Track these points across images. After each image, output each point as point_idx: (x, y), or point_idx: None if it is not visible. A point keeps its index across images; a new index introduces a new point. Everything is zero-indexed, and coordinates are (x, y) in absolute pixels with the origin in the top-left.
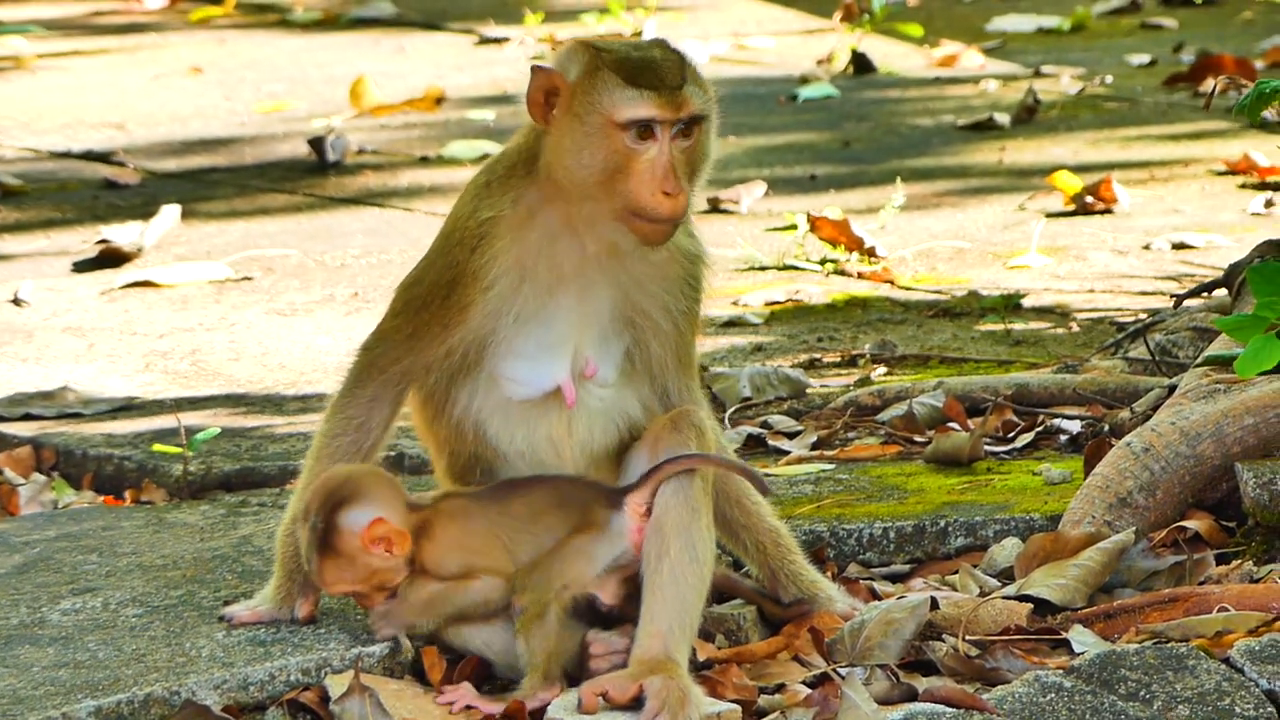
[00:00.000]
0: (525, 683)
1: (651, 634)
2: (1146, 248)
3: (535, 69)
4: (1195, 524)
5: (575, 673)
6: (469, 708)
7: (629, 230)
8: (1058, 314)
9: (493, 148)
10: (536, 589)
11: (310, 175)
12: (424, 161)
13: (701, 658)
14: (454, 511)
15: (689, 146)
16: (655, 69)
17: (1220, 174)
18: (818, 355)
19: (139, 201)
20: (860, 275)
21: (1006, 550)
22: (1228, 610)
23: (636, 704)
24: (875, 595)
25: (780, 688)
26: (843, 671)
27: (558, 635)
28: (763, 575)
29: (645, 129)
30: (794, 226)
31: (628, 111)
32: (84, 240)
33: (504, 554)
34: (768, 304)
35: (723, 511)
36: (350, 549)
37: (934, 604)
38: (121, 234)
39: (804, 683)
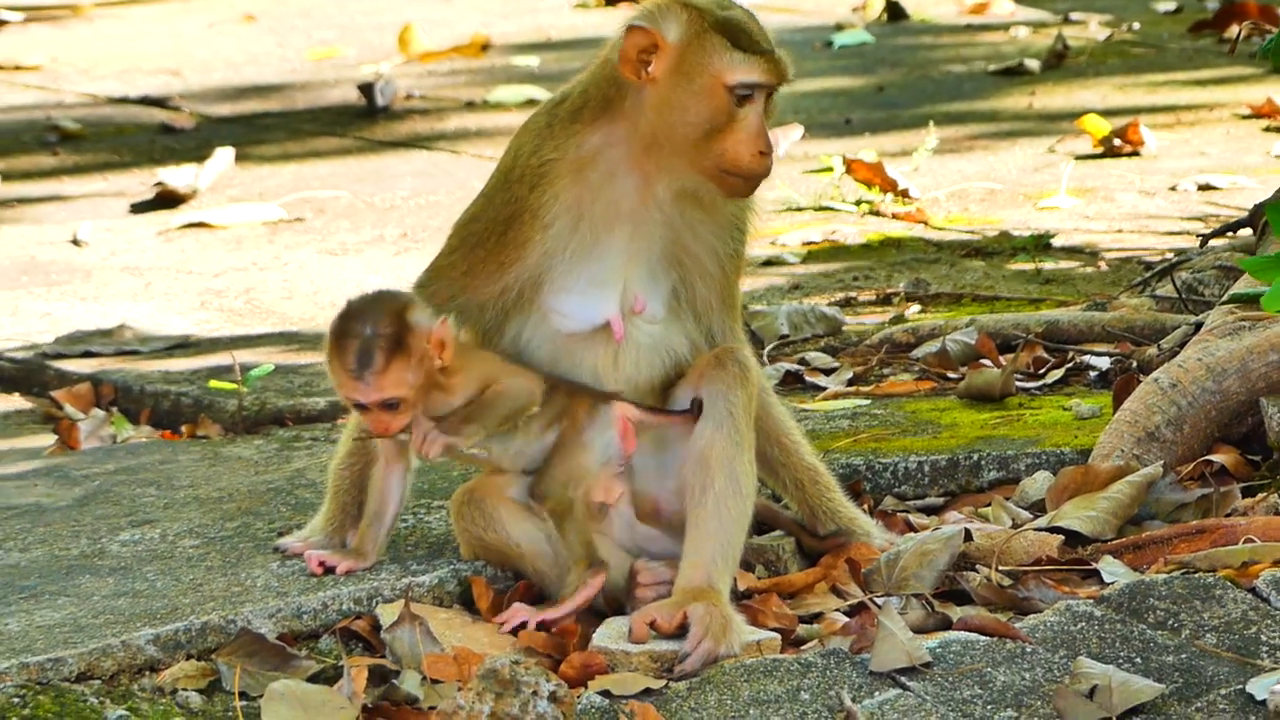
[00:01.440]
0: (572, 575)
1: (695, 564)
2: (1173, 189)
3: (633, 27)
4: (1221, 458)
5: (623, 600)
6: (523, 625)
7: (715, 184)
8: (1087, 253)
9: (537, 92)
10: (553, 492)
11: (360, 119)
12: (470, 106)
13: (742, 588)
14: (463, 348)
15: (769, 107)
16: (755, 34)
17: (1245, 118)
18: (853, 294)
19: (194, 145)
20: (894, 216)
21: (1038, 483)
22: (1254, 541)
23: (682, 631)
24: (911, 527)
25: (818, 617)
26: (879, 601)
27: (584, 524)
28: (801, 511)
29: (747, 92)
30: (830, 169)
31: (737, 74)
32: (141, 182)
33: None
34: (805, 244)
35: (761, 449)
36: (420, 350)
37: (968, 535)
38: (177, 176)
39: (841, 612)
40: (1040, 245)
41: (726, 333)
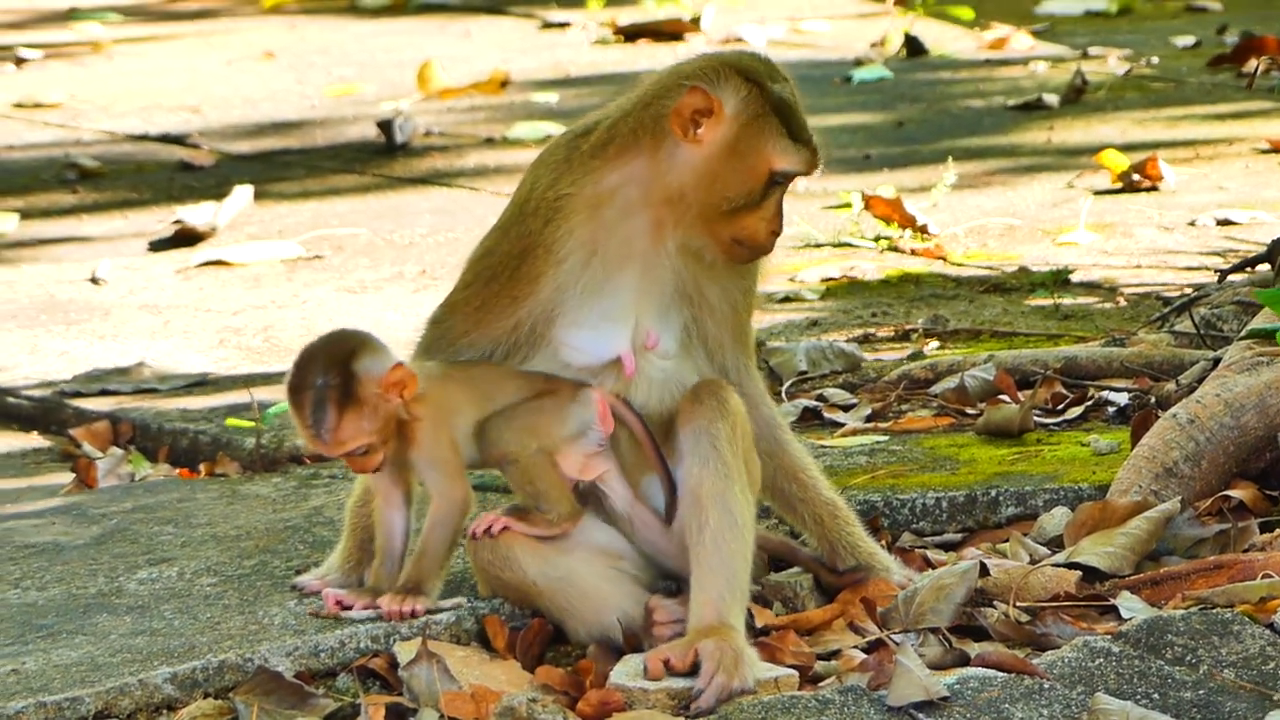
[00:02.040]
0: (552, 514)
1: (703, 602)
2: (1192, 224)
3: (695, 87)
4: (1239, 493)
5: (640, 638)
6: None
7: (721, 250)
8: (1105, 289)
9: (556, 129)
10: (507, 441)
11: (379, 156)
12: (489, 143)
13: (759, 624)
14: (433, 375)
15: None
16: (803, 121)
17: (1264, 152)
18: (872, 330)
19: (213, 182)
20: (913, 252)
21: (1056, 519)
22: (1271, 577)
23: (696, 669)
24: (929, 564)
25: (836, 653)
26: (896, 637)
27: (552, 470)
28: (821, 547)
29: (785, 179)
30: (849, 205)
31: (785, 163)
32: (160, 220)
33: (474, 419)
34: (823, 280)
35: (779, 486)
36: (371, 397)
37: (984, 570)
38: (196, 214)
39: (859, 648)
40: (1059, 281)
41: (740, 369)
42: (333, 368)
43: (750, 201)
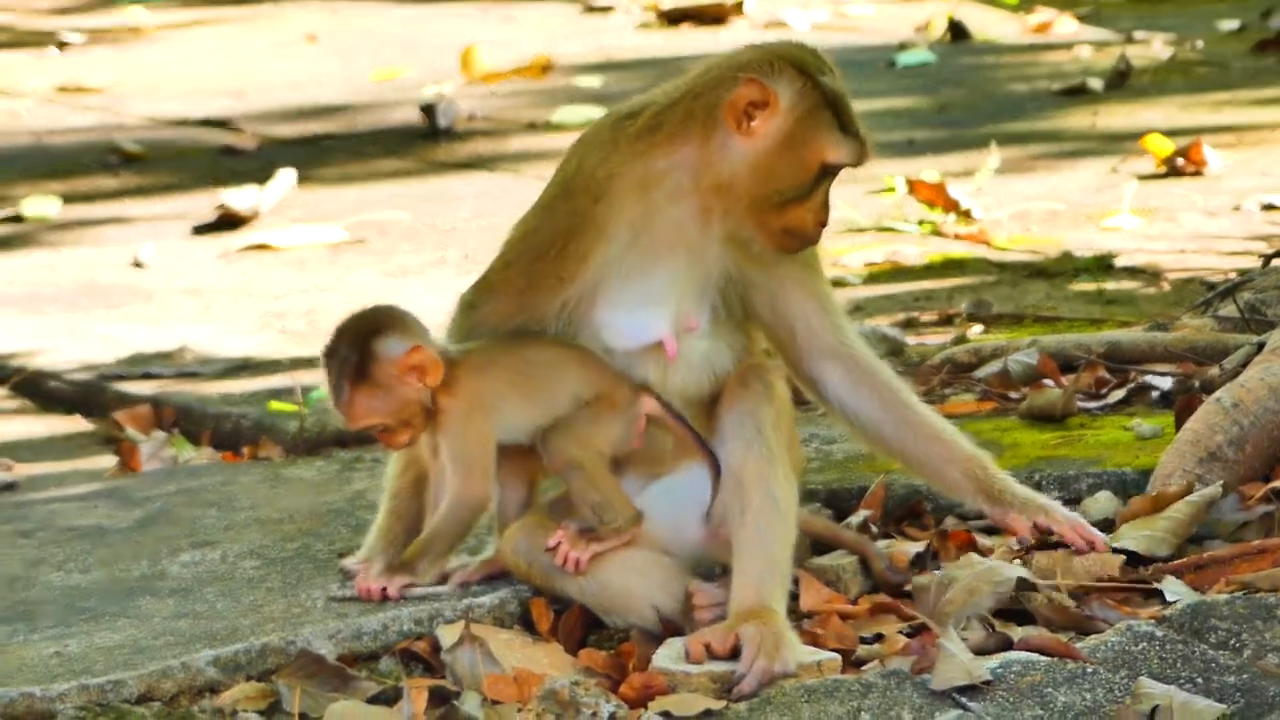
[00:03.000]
0: (618, 521)
1: (744, 585)
2: (1236, 209)
3: (749, 79)
4: None
5: (681, 623)
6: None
7: (769, 240)
8: (1149, 273)
9: (599, 113)
10: (566, 449)
11: (422, 141)
12: (532, 127)
13: (806, 607)
14: (477, 365)
15: None
16: (853, 113)
17: None
18: (915, 314)
19: (256, 166)
20: (957, 236)
21: (1099, 503)
22: None
23: (737, 653)
24: (976, 547)
25: (879, 637)
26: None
27: (612, 477)
28: (979, 502)
29: (835, 170)
30: (892, 189)
31: (837, 155)
32: (202, 204)
33: (523, 412)
34: (867, 265)
35: (920, 451)
36: (386, 377)
37: (1021, 583)
38: (239, 198)
39: (902, 632)
40: (1102, 266)
41: (838, 335)
42: (355, 342)
43: (800, 193)
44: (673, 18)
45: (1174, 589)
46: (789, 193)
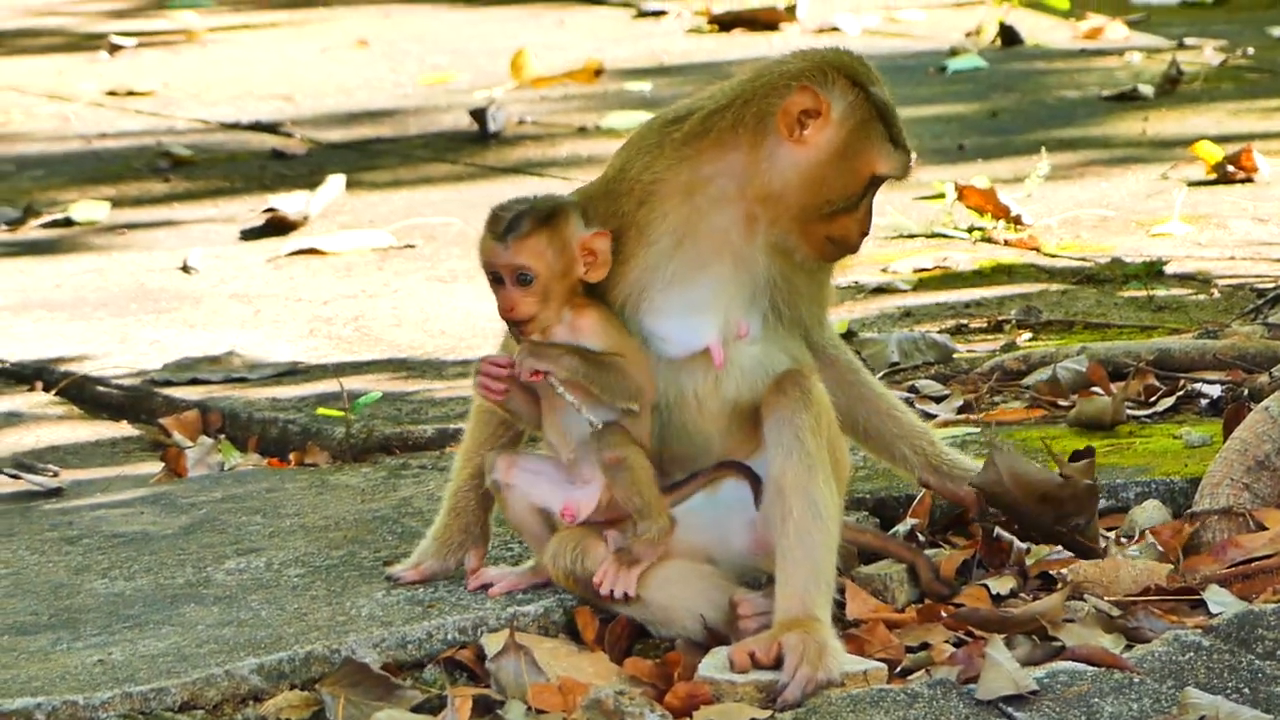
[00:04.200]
0: (653, 531)
1: (789, 595)
2: None
3: (804, 87)
4: None
5: (726, 632)
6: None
7: (812, 248)
8: (1199, 280)
9: (650, 118)
10: (630, 449)
11: (472, 145)
12: (582, 132)
13: (852, 615)
14: (610, 313)
15: None
16: (900, 124)
17: None
18: (964, 321)
19: (305, 171)
20: (1006, 243)
21: (1147, 512)
22: None
23: (780, 662)
24: (1022, 562)
25: (925, 646)
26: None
27: (655, 482)
28: (925, 474)
29: (882, 181)
30: (942, 195)
31: (887, 168)
32: (251, 209)
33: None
34: (916, 271)
35: (874, 425)
36: (565, 238)
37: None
38: (288, 203)
39: (948, 642)
40: (1152, 273)
41: (831, 344)
42: (549, 201)
43: (850, 204)
44: (724, 23)
45: (1220, 599)
46: (838, 203)
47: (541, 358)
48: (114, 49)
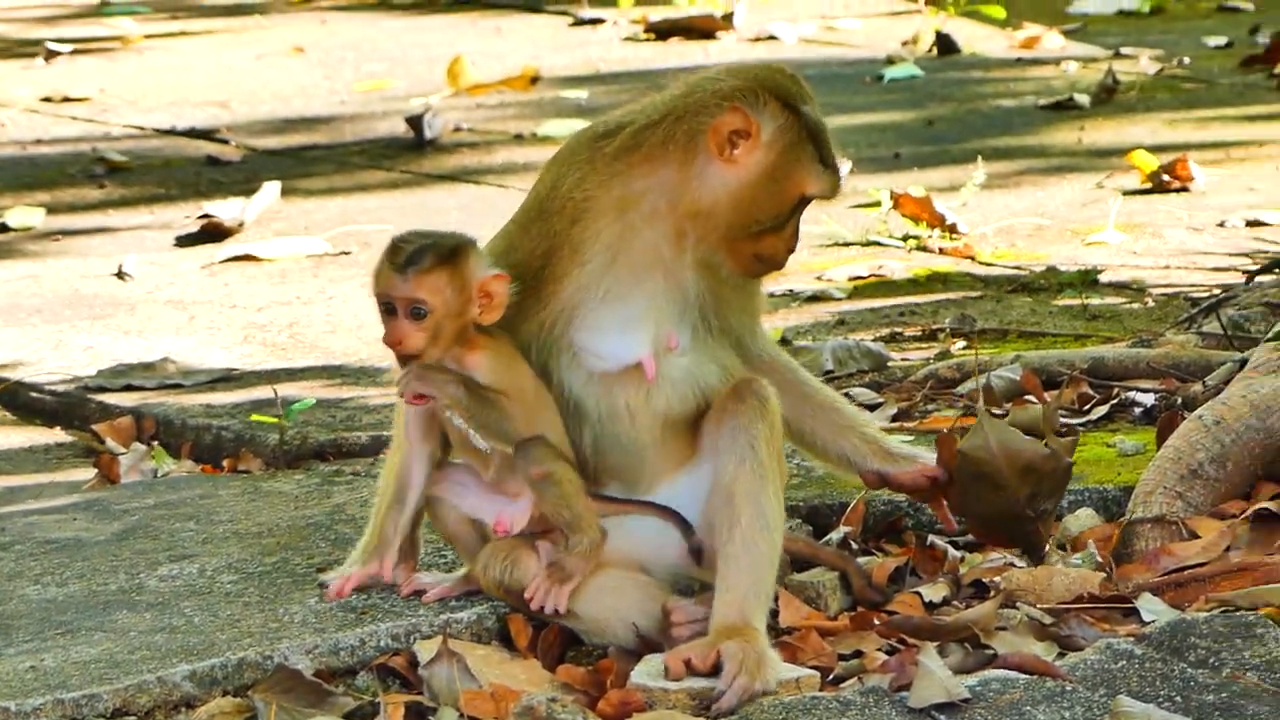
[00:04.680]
0: (584, 544)
1: (728, 602)
2: (1221, 225)
3: (735, 107)
4: (1265, 495)
5: (658, 639)
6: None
7: (739, 265)
8: (1134, 289)
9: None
10: (556, 463)
11: (408, 153)
12: (519, 140)
13: (784, 624)
14: (510, 350)
15: None
16: (830, 145)
17: None
18: (899, 329)
19: (241, 178)
20: (941, 251)
21: (1080, 520)
22: None
23: (717, 669)
24: (955, 570)
25: (858, 654)
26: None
27: (584, 495)
28: (876, 460)
29: (810, 201)
30: (878, 203)
31: (816, 189)
32: (186, 215)
33: (542, 414)
34: (851, 279)
35: (818, 420)
36: (464, 278)
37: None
38: (223, 209)
39: (881, 650)
40: (1087, 281)
41: (765, 349)
42: (451, 238)
43: (776, 222)
44: (661, 31)
45: (1153, 607)
46: (766, 222)
47: (426, 382)
48: (50, 55)
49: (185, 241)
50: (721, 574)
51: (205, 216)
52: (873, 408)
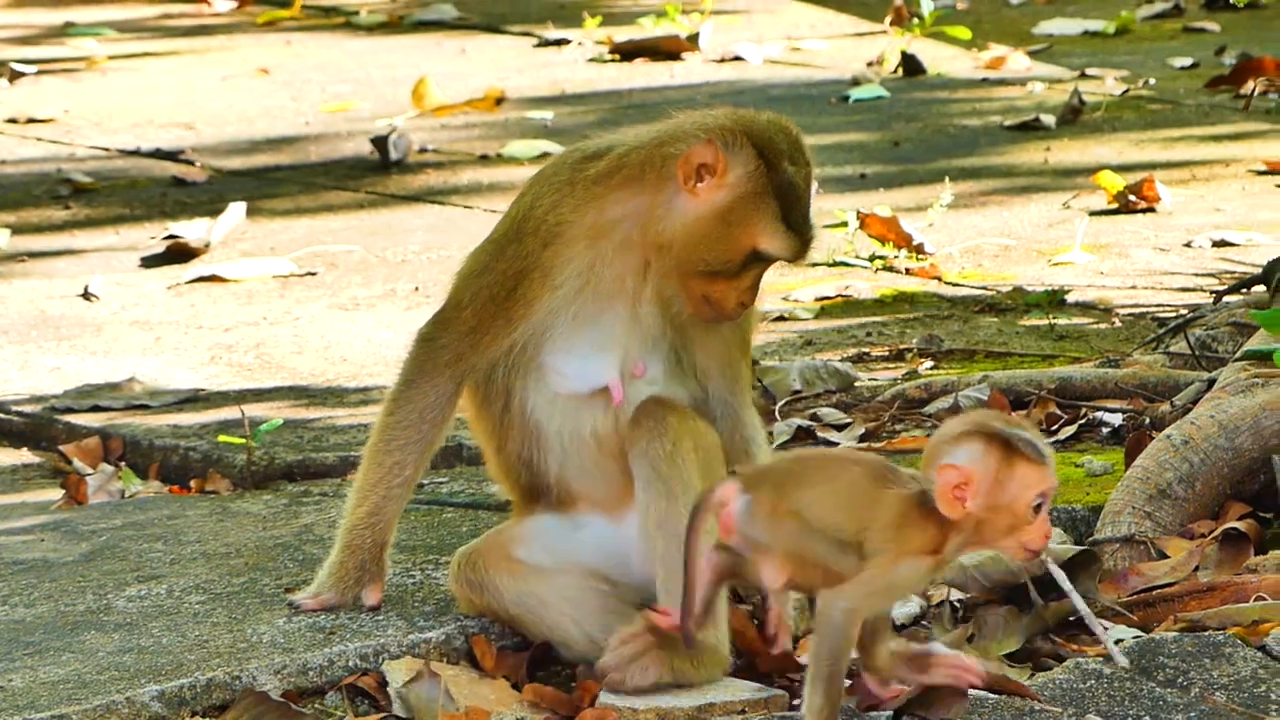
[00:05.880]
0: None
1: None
2: (1188, 245)
3: (709, 140)
4: (1233, 515)
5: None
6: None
7: (689, 302)
8: (1100, 310)
9: (551, 146)
10: None
11: (373, 173)
12: (484, 160)
13: (743, 646)
14: None
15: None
16: (806, 210)
17: (1261, 174)
18: (866, 349)
19: (206, 199)
20: (908, 271)
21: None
22: (1264, 599)
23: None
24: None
25: None
26: None
27: None
28: None
29: (767, 260)
30: (844, 224)
31: (771, 246)
32: (152, 236)
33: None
34: (818, 299)
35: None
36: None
37: None
38: (189, 230)
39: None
40: (1054, 301)
41: (728, 399)
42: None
43: (728, 270)
44: (626, 52)
45: (1120, 630)
46: (715, 265)
47: None
48: (14, 76)
49: (151, 262)
50: (661, 600)
51: (171, 237)
52: (840, 428)
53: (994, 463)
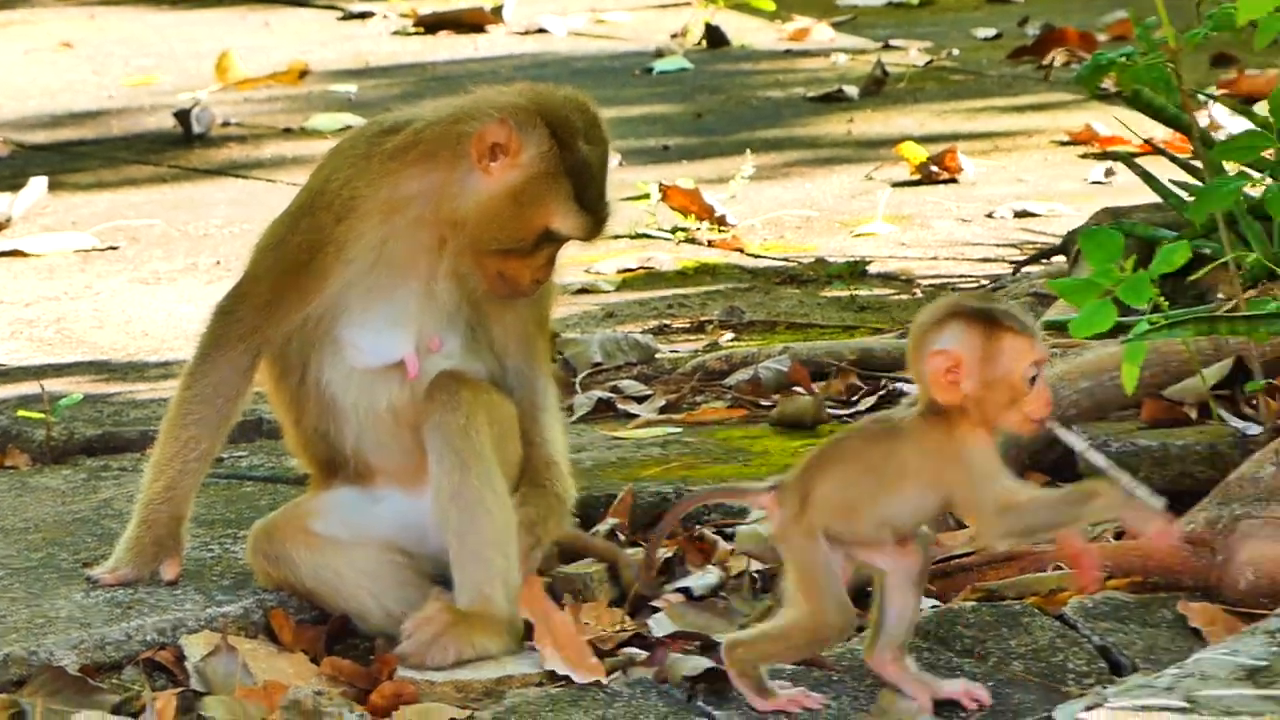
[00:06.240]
0: None
1: (462, 594)
2: (990, 216)
3: (502, 119)
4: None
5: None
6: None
7: (484, 280)
8: (902, 280)
9: (354, 119)
10: None
11: (176, 147)
12: (287, 133)
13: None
14: None
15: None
16: (601, 189)
17: (1063, 144)
18: (667, 321)
19: (7, 173)
20: (710, 243)
21: None
22: (1061, 568)
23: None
24: (726, 557)
25: (623, 646)
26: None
27: None
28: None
29: (560, 239)
30: (646, 196)
31: (563, 225)
32: None
33: None
34: (620, 271)
35: (534, 475)
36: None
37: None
38: None
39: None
40: (855, 273)
41: (526, 376)
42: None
43: (521, 249)
44: (430, 25)
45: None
46: (507, 244)
47: None
48: None
49: None
50: (454, 573)
51: None
52: (641, 400)
53: (979, 339)
